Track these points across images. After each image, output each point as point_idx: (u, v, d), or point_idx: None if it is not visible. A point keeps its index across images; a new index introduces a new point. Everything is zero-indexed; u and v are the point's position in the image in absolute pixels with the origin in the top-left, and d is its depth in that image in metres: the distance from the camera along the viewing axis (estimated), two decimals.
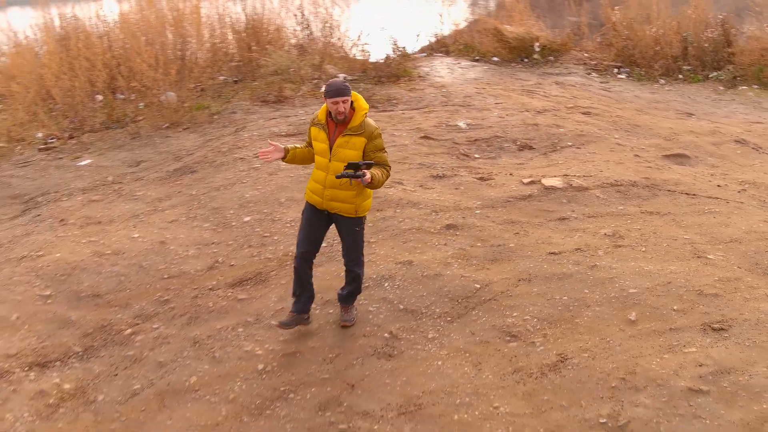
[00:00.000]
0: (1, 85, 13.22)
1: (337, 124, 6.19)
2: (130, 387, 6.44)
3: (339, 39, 14.94)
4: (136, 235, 8.70)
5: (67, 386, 6.49)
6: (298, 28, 15.15)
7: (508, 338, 6.58)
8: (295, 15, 15.08)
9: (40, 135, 12.03)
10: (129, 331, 7.15)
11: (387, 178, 6.31)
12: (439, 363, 6.36)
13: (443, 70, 14.93)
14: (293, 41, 15.19)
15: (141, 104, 12.79)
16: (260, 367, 6.53)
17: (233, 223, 8.81)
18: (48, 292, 7.72)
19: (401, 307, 7.08)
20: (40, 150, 11.56)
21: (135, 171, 10.71)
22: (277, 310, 7.20)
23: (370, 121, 6.25)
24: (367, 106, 6.26)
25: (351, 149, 6.14)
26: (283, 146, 6.38)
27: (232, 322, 7.12)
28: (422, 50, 16.28)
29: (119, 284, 7.83)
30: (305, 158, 6.52)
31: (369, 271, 7.57)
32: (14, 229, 9.20)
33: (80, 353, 6.91)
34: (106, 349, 6.95)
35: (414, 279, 7.43)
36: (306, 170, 9.26)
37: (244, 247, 8.33)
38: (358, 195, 6.29)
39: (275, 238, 8.42)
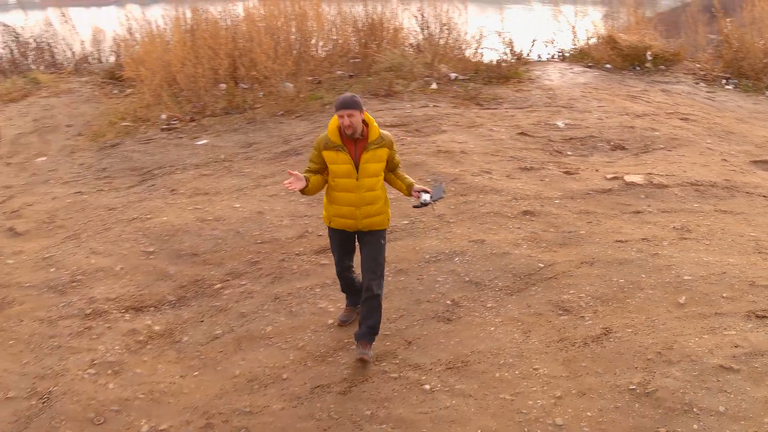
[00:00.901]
0: (132, 70, 14.36)
1: (357, 142, 6.13)
2: (213, 332, 7.16)
3: (455, 40, 15.46)
4: (238, 206, 9.49)
5: (157, 328, 7.26)
6: (418, 29, 15.74)
7: (561, 312, 6.98)
8: (415, 16, 15.69)
9: (163, 116, 13.04)
10: (219, 285, 7.89)
11: None
12: (492, 329, 6.83)
13: (554, 74, 15.27)
14: (411, 41, 15.79)
15: (261, 93, 13.64)
16: (330, 321, 7.15)
17: (322, 199, 9.46)
18: (151, 249, 8.56)
19: (467, 279, 7.57)
20: (162, 129, 12.56)
21: (246, 151, 11.54)
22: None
23: (384, 131, 6.28)
24: (372, 119, 6.23)
25: (377, 162, 6.18)
26: (303, 175, 6.19)
27: (311, 283, 7.76)
28: (538, 55, 16.64)
29: (216, 246, 8.59)
30: (319, 186, 6.36)
31: (442, 245, 8.10)
32: (129, 196, 10.15)
33: (173, 302, 7.68)
34: (196, 299, 7.71)
35: (483, 256, 7.91)
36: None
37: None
38: (385, 203, 6.39)
39: None
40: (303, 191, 6.22)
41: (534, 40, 16.15)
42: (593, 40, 16.57)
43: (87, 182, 10.76)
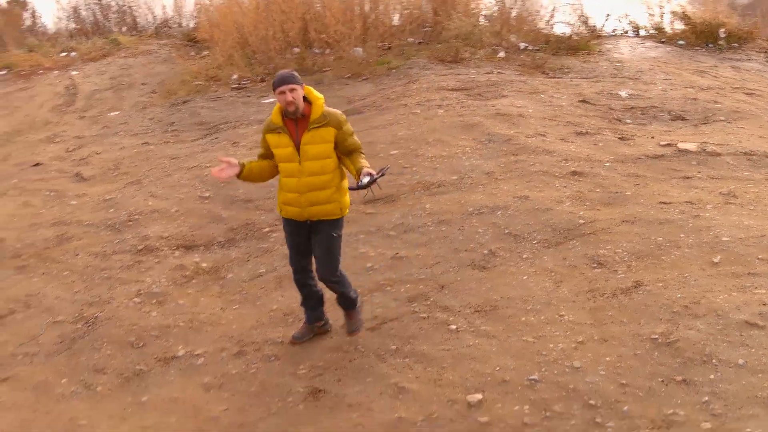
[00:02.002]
0: (206, 32, 14.73)
1: (298, 122, 5.59)
2: (256, 270, 7.40)
3: (528, 12, 15.40)
4: None
5: (204, 265, 7.53)
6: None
7: (595, 265, 7.00)
8: None
9: (235, 77, 13.35)
10: (268, 229, 8.12)
11: None
12: (525, 278, 6.90)
13: (625, 48, 15.11)
14: (484, 12, 15.79)
15: (332, 58, 13.84)
16: (368, 265, 7.31)
17: (380, 155, 9.62)
18: (207, 195, 8.85)
19: (506, 231, 7.64)
20: (232, 89, 12.88)
21: None
22: (397, 225, 7.93)
23: (331, 109, 5.70)
24: (321, 96, 5.69)
25: (320, 143, 5.59)
26: (237, 161, 5.70)
27: (355, 230, 7.92)
28: (613, 30, 16.46)
29: (269, 194, 8.82)
30: (263, 171, 5.85)
31: (487, 200, 8.18)
32: (193, 147, 10.48)
33: (222, 242, 7.95)
34: (245, 241, 7.95)
35: (525, 210, 7.96)
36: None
37: (385, 175, 9.09)
38: (337, 190, 5.77)
39: (414, 169, 9.14)
40: (241, 178, 5.77)
41: (608, 15, 15.98)
42: (668, 17, 16.28)
43: (155, 134, 11.13)
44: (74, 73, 14.80)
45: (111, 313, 6.83)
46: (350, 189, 5.60)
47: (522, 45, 14.28)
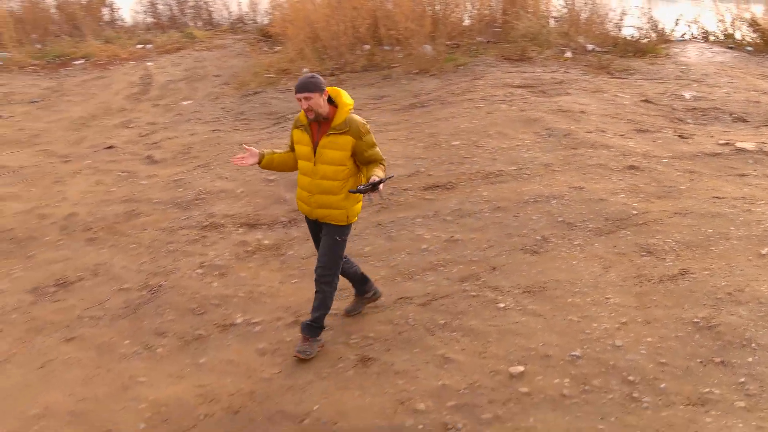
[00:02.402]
0: (280, 27, 15.14)
1: (321, 125, 5.59)
2: (315, 249, 7.65)
3: (598, 15, 15.46)
4: None
5: (266, 242, 7.84)
6: (561, 1, 15.84)
7: (644, 253, 7.12)
8: None
9: (305, 70, 13.68)
10: None
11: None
12: (575, 262, 7.05)
13: (692, 52, 15.05)
14: (554, 13, 15.89)
15: (401, 55, 14.10)
16: (423, 246, 7.53)
17: (442, 146, 9.83)
18: (272, 178, 9.17)
19: (560, 219, 7.78)
20: None
21: (377, 103, 12.02)
22: (453, 210, 8.13)
23: (356, 117, 5.60)
24: (351, 101, 5.65)
25: (337, 150, 5.53)
26: (258, 151, 5.83)
27: (413, 214, 8.15)
28: (682, 35, 16.40)
29: None
30: (284, 163, 5.94)
31: (543, 189, 8.33)
32: (261, 134, 10.85)
33: (285, 222, 8.24)
34: (305, 222, 8.22)
35: (580, 200, 8.09)
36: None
37: (445, 163, 9.33)
38: (346, 198, 5.69)
39: (474, 159, 9.33)
40: (261, 167, 5.91)
41: (677, 19, 15.93)
42: (738, 23, 16.15)
43: (225, 122, 11.52)
44: (149, 64, 15.32)
45: (174, 283, 7.16)
46: (350, 191, 5.46)
47: (590, 47, 14.36)
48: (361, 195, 5.68)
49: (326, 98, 5.52)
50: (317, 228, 5.95)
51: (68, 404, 5.57)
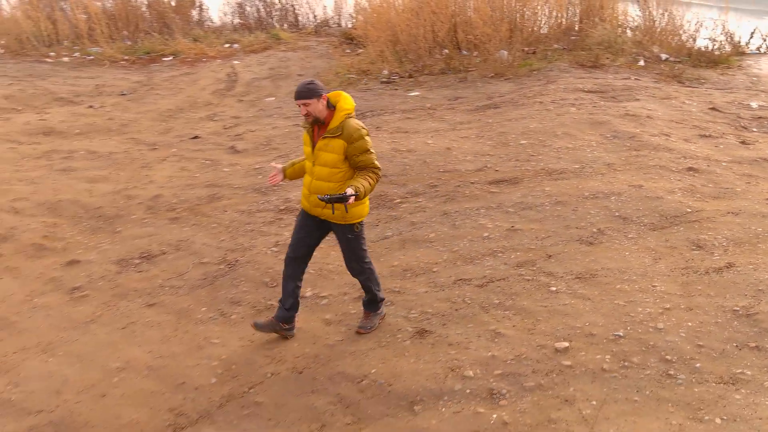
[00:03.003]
0: (362, 31, 15.66)
1: (319, 128, 5.73)
2: (384, 233, 8.10)
3: (673, 26, 15.55)
4: (430, 142, 10.40)
5: None
6: (638, 11, 15.97)
7: (694, 248, 7.36)
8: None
9: (385, 72, 14.16)
10: (398, 200, 8.81)
11: (376, 181, 5.79)
12: (627, 253, 7.33)
13: (765, 64, 15.05)
14: (630, 23, 16.04)
15: (478, 59, 14.47)
16: (485, 234, 7.90)
17: (510, 144, 10.18)
18: None
19: (617, 214, 8.06)
20: (381, 82, 13.70)
21: (451, 103, 12.42)
22: (516, 203, 8.47)
23: (353, 121, 5.67)
24: (350, 105, 5.73)
25: (330, 152, 5.66)
26: (279, 167, 6.08)
27: (478, 205, 8.52)
28: (757, 48, 16.36)
29: (403, 170, 9.53)
30: (303, 169, 6.09)
31: (603, 187, 8.61)
32: None
33: None
34: (377, 209, 8.66)
35: (637, 197, 8.35)
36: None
37: (512, 160, 9.68)
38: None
39: (539, 157, 9.66)
40: (286, 179, 6.17)
41: (753, 32, 15.91)
42: None
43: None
44: (236, 62, 15.97)
45: (250, 258, 7.68)
46: (319, 198, 5.56)
47: (663, 56, 14.48)
48: (367, 198, 5.83)
49: (325, 102, 5.65)
50: (314, 224, 6.01)
51: (147, 360, 6.11)
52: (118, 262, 7.72)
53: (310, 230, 6.02)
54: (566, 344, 5.93)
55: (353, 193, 5.49)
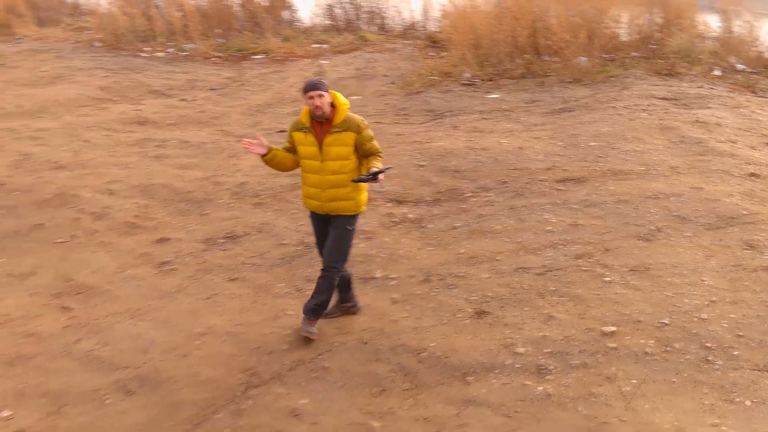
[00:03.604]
0: (446, 34, 16.09)
1: (323, 125, 5.96)
2: (453, 224, 8.51)
3: (752, 37, 15.52)
4: (504, 141, 10.77)
5: (410, 216, 8.74)
6: (718, 23, 16.00)
7: (746, 247, 7.57)
8: (718, 12, 15.96)
9: (467, 75, 14.54)
10: (469, 194, 9.22)
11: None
12: (681, 250, 7.59)
13: None
14: (710, 33, 16.08)
15: (558, 65, 14.75)
16: (548, 228, 8.25)
17: (581, 145, 10.48)
18: (423, 163, 10.09)
19: (675, 214, 8.31)
20: (462, 84, 14.08)
21: (528, 106, 12.74)
22: (581, 200, 8.79)
23: (354, 115, 6.03)
24: (347, 102, 6.04)
25: (341, 146, 5.94)
26: (268, 145, 6.12)
27: (544, 201, 8.87)
28: None
29: (475, 167, 9.93)
30: (283, 163, 6.24)
31: (665, 188, 8.86)
32: (418, 128, 11.81)
33: (429, 201, 9.12)
34: (448, 202, 9.09)
35: (697, 199, 8.58)
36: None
37: (580, 161, 9.98)
38: (354, 188, 6.07)
39: (607, 158, 9.94)
40: (265, 160, 6.17)
41: None
42: None
43: (387, 116, 12.52)
44: (323, 62, 16.52)
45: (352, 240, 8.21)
46: (353, 181, 5.92)
47: (740, 66, 14.51)
48: (365, 185, 6.11)
49: (330, 99, 5.90)
50: (324, 223, 6.26)
51: (226, 327, 6.66)
52: (204, 241, 8.29)
53: (324, 227, 6.29)
54: (613, 329, 6.27)
55: (388, 167, 6.02)
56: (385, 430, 5.31)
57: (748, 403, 5.34)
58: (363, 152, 6.04)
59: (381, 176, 5.81)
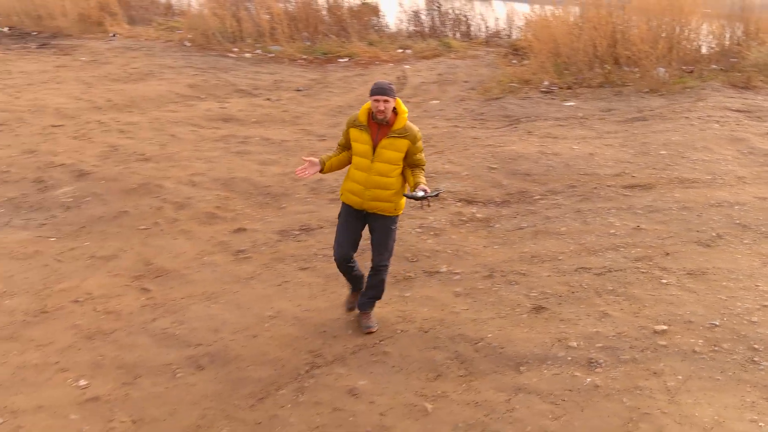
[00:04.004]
0: (526, 42, 16.29)
1: (380, 127, 6.04)
2: (519, 224, 8.77)
3: None
4: (576, 147, 10.97)
5: (478, 215, 9.03)
6: None
7: None
8: None
9: (546, 83, 14.72)
10: (538, 197, 9.46)
11: None
12: (739, 256, 7.72)
13: None
14: None
15: (637, 75, 14.83)
16: (611, 231, 8.44)
17: (651, 153, 10.62)
18: (495, 166, 10.35)
19: (737, 222, 8.42)
20: (540, 92, 14.27)
21: (603, 115, 12.88)
22: (646, 206, 8.96)
23: (412, 124, 6.09)
24: (406, 110, 6.12)
25: (394, 150, 6.03)
26: (318, 159, 6.18)
27: (609, 206, 9.06)
28: None
29: (546, 171, 10.16)
30: (342, 163, 6.32)
31: (729, 197, 8.97)
32: (494, 132, 12.04)
33: (498, 202, 9.39)
34: (516, 204, 9.35)
35: (760, 208, 8.63)
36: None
37: (649, 168, 10.12)
38: (397, 193, 6.18)
39: (675, 167, 10.06)
40: (324, 172, 6.25)
41: None
42: None
43: (464, 120, 12.81)
44: (406, 66, 16.85)
45: (396, 237, 8.49)
46: (405, 195, 6.09)
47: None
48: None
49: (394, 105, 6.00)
50: (356, 219, 6.34)
51: (295, 312, 7.05)
52: (279, 232, 8.70)
53: (357, 227, 6.36)
54: (665, 327, 6.47)
55: (440, 190, 6.31)
56: (436, 412, 5.62)
57: None
58: (411, 162, 6.15)
59: (428, 200, 5.98)
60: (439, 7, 19.56)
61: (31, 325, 6.85)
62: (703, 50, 15.90)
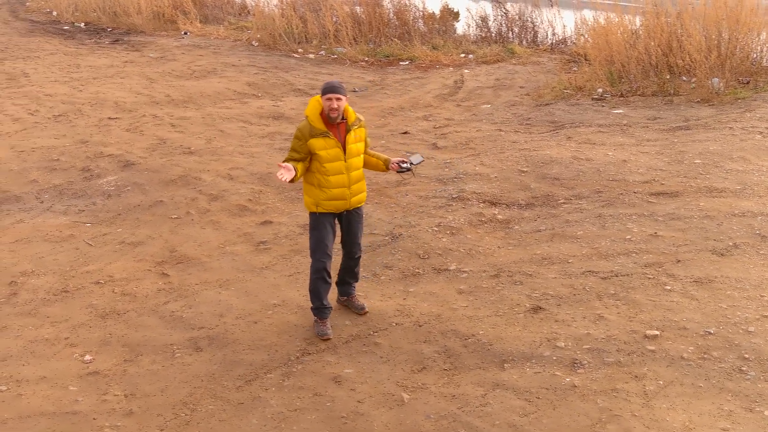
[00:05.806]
0: (584, 49, 15.94)
1: (339, 125, 5.98)
2: (538, 227, 8.56)
3: None
4: (610, 154, 10.67)
5: (499, 216, 8.86)
6: None
7: None
8: None
9: (599, 90, 14.39)
10: (562, 200, 9.23)
11: None
12: (751, 266, 7.37)
13: None
14: None
15: (692, 85, 14.38)
16: (627, 237, 8.17)
17: (685, 162, 10.25)
18: (525, 170, 10.15)
19: (757, 232, 8.05)
20: (592, 99, 13.94)
21: (648, 122, 12.51)
22: (668, 213, 8.65)
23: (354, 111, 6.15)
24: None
25: (359, 142, 6.12)
26: (293, 166, 5.90)
27: (631, 212, 8.77)
28: None
29: (575, 176, 9.91)
30: (302, 174, 6.10)
31: (752, 206, 8.58)
32: (534, 137, 11.79)
33: (522, 205, 9.20)
34: (540, 207, 9.14)
35: None
36: None
37: (680, 176, 9.77)
38: (364, 179, 6.35)
39: (707, 176, 9.67)
40: (297, 179, 5.98)
41: None
42: None
43: (510, 125, 12.60)
44: (466, 71, 16.69)
45: (412, 234, 8.43)
46: (398, 172, 6.39)
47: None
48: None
49: None
50: (333, 225, 6.35)
51: (300, 301, 7.05)
52: (303, 226, 8.66)
53: (334, 231, 6.37)
54: (657, 332, 6.24)
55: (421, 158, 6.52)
56: (412, 402, 5.55)
57: (766, 413, 5.22)
58: (366, 145, 6.33)
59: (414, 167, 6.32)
60: (506, 13, 19.29)
61: (50, 303, 7.04)
62: (764, 62, 15.27)
